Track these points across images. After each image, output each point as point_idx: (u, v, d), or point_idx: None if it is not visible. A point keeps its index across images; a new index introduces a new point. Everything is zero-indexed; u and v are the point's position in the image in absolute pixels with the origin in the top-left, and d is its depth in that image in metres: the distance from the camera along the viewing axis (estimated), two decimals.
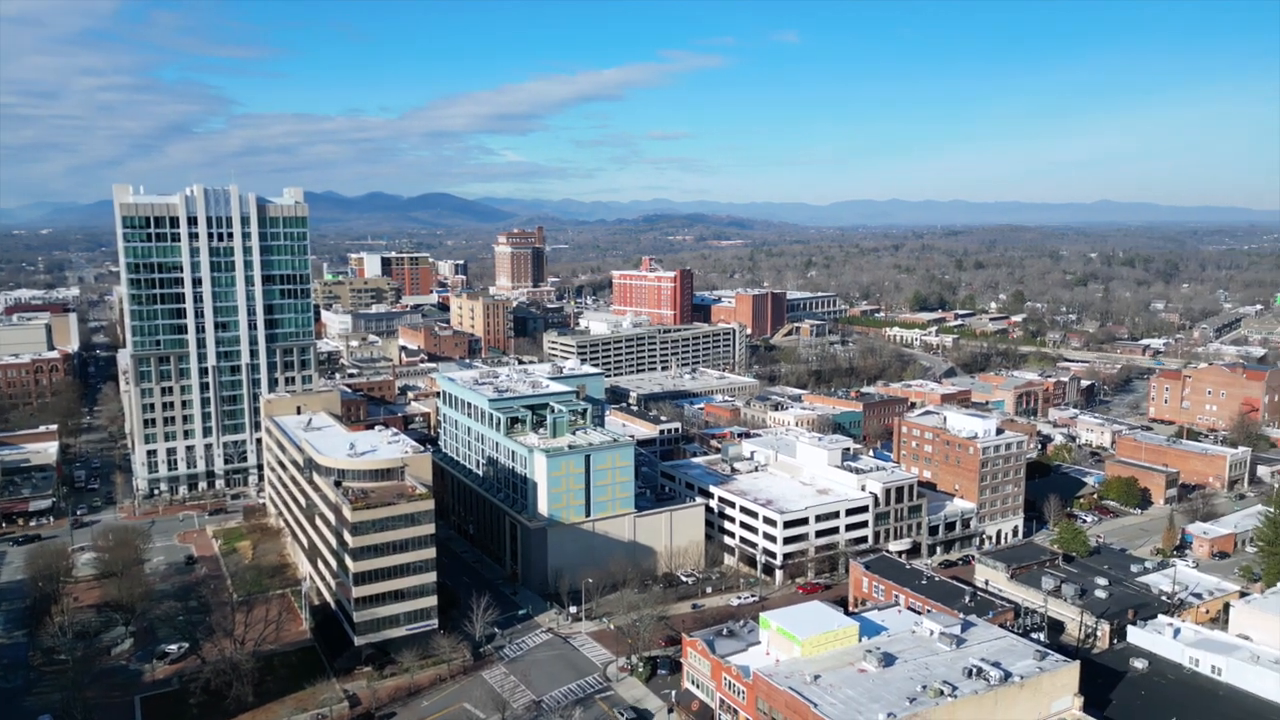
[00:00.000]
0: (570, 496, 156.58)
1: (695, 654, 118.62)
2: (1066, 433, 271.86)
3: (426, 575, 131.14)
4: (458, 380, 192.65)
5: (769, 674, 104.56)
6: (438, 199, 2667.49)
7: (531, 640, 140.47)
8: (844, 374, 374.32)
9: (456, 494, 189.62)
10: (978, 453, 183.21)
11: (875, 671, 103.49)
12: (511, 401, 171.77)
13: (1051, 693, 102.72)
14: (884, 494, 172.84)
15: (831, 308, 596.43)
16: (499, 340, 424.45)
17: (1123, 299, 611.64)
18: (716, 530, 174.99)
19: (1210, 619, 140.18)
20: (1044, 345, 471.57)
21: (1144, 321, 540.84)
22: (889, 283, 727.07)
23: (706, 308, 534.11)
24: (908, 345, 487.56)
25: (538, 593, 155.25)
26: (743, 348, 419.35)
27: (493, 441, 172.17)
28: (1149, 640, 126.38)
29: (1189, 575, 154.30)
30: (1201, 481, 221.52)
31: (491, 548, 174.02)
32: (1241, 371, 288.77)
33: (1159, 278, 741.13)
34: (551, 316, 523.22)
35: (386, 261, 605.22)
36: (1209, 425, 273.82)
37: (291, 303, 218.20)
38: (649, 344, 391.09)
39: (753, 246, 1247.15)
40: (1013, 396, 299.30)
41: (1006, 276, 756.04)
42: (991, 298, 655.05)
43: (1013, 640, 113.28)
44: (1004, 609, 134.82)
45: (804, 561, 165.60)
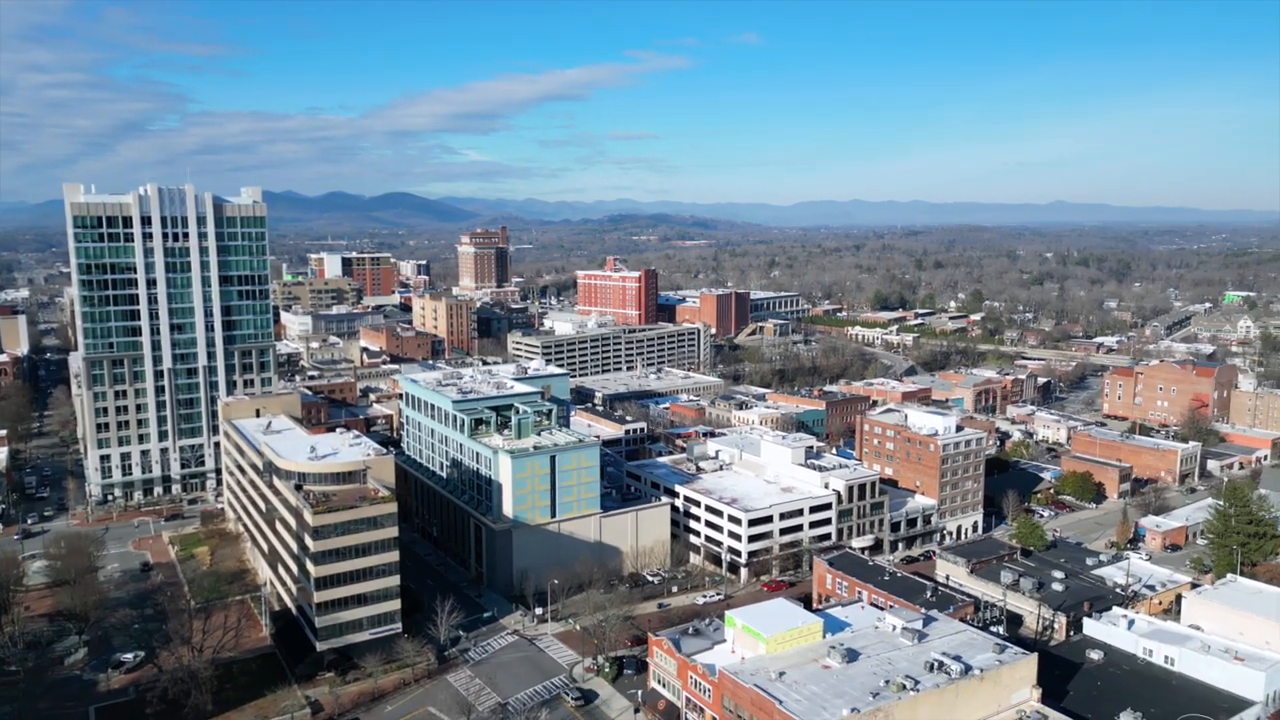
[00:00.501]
0: (535, 498, 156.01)
1: (661, 653, 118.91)
2: (1024, 429, 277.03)
3: (390, 579, 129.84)
4: (421, 382, 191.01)
5: (734, 672, 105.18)
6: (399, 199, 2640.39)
7: (497, 642, 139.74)
8: (807, 373, 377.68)
9: (420, 496, 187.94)
10: (938, 450, 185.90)
11: (839, 667, 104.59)
12: (476, 403, 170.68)
13: (1011, 685, 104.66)
14: (847, 491, 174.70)
15: (795, 307, 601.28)
16: (462, 341, 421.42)
17: (1077, 298, 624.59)
18: (682, 529, 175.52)
19: (1163, 610, 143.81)
20: (1002, 343, 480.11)
21: (1098, 320, 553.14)
22: (851, 282, 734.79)
23: (671, 308, 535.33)
24: (869, 344, 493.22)
25: (503, 595, 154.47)
26: (707, 347, 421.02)
27: (457, 443, 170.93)
28: (1104, 632, 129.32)
29: (1142, 568, 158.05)
30: (1154, 476, 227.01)
31: (456, 550, 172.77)
32: (1191, 368, 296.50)
33: (1112, 277, 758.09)
34: (516, 317, 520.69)
35: (347, 262, 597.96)
36: (1160, 421, 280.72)
37: (250, 304, 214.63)
38: (614, 344, 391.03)
39: (717, 246, 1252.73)
40: (972, 394, 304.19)
41: (965, 276, 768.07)
42: (951, 297, 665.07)
43: (973, 634, 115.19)
44: (964, 603, 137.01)
45: (769, 559, 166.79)
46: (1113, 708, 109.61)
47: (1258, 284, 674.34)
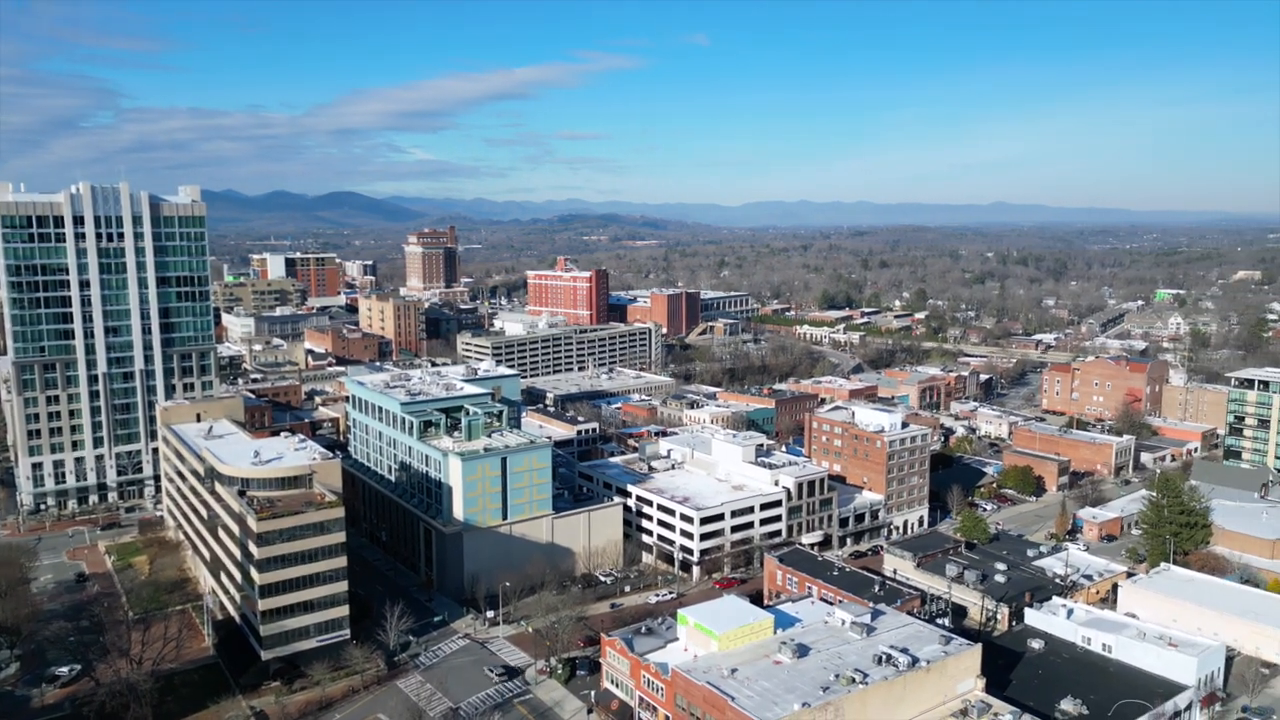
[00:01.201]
0: (486, 500, 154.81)
1: (614, 653, 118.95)
2: (967, 425, 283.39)
3: (337, 585, 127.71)
4: (368, 384, 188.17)
5: (687, 670, 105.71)
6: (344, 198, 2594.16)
7: (448, 646, 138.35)
8: (757, 371, 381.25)
9: (368, 500, 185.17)
10: (884, 446, 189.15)
11: (790, 662, 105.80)
12: (424, 405, 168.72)
13: (956, 675, 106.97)
14: (796, 488, 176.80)
15: (744, 307, 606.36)
16: (410, 342, 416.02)
17: (1017, 296, 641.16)
18: (635, 529, 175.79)
19: (1100, 599, 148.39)
20: (945, 341, 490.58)
21: (1037, 317, 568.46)
22: (799, 282, 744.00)
23: (622, 307, 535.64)
24: (817, 343, 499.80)
25: (454, 598, 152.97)
26: (659, 347, 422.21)
27: (405, 446, 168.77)
28: (1045, 621, 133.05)
29: (1080, 558, 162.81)
30: (1090, 469, 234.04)
31: (405, 554, 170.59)
32: (1125, 364, 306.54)
33: (1050, 276, 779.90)
34: (465, 318, 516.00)
35: (291, 262, 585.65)
36: (1096, 415, 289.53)
37: (189, 305, 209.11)
38: (565, 344, 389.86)
39: (667, 247, 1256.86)
40: (916, 391, 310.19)
41: (909, 275, 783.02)
42: (896, 296, 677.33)
43: (919, 627, 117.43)
44: (911, 596, 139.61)
45: (720, 557, 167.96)
46: (1054, 695, 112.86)
47: (1186, 282, 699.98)
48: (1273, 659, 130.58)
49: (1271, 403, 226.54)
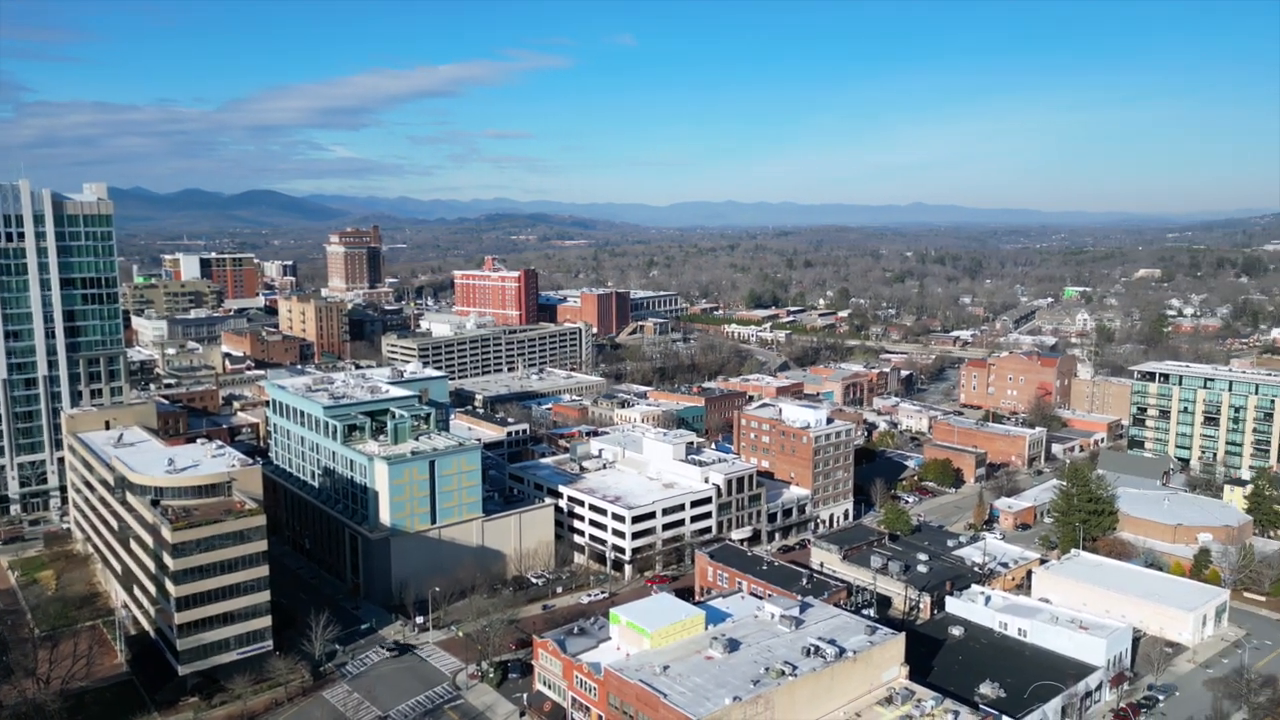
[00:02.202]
0: (414, 504, 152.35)
1: (546, 655, 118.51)
2: (889, 420, 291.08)
3: (259, 595, 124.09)
4: (289, 387, 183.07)
5: (620, 668, 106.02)
6: (262, 196, 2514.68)
7: (375, 654, 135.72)
8: (686, 370, 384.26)
9: (290, 507, 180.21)
10: (811, 442, 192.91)
11: (721, 657, 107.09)
12: (349, 408, 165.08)
13: (881, 664, 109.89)
14: (726, 485, 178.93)
15: (673, 306, 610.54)
16: (333, 345, 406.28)
17: (935, 294, 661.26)
18: (566, 530, 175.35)
19: (1016, 585, 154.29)
20: (868, 339, 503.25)
21: (954, 315, 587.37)
22: (726, 281, 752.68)
23: (552, 307, 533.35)
24: (745, 341, 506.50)
25: (381, 605, 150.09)
26: (589, 347, 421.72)
27: (329, 451, 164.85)
28: (964, 609, 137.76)
29: (997, 547, 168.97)
30: (1005, 460, 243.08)
31: (330, 562, 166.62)
32: (1037, 359, 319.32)
33: (966, 274, 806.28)
34: (390, 319, 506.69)
35: (206, 263, 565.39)
36: (1011, 409, 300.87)
37: (96, 308, 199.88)
38: (494, 345, 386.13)
39: (596, 246, 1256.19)
40: (841, 387, 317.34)
41: (833, 274, 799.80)
42: (820, 295, 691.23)
43: (846, 618, 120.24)
44: (838, 588, 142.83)
45: (652, 555, 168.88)
46: (973, 680, 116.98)
47: (1092, 280, 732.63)
48: (1175, 639, 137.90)
49: (1171, 394, 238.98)
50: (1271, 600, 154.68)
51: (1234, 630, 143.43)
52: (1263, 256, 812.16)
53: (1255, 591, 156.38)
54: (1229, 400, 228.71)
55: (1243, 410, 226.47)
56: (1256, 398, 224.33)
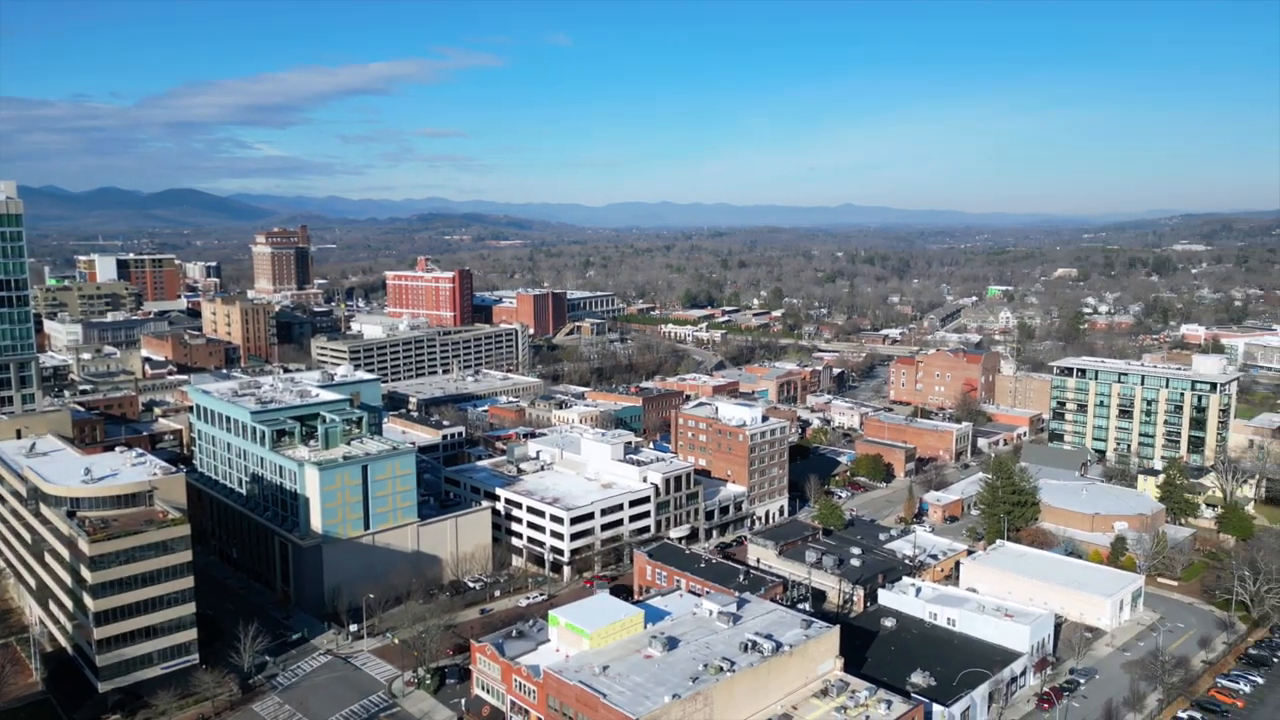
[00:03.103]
0: (347, 510, 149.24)
1: (484, 659, 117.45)
2: (822, 417, 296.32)
3: (184, 607, 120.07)
4: (214, 392, 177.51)
5: (559, 670, 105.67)
6: (184, 195, 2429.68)
7: (308, 664, 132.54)
8: (624, 370, 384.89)
9: (217, 516, 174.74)
10: (746, 440, 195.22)
11: (660, 656, 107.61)
12: (277, 413, 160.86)
13: (817, 657, 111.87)
14: (664, 484, 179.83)
15: (610, 306, 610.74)
16: (261, 348, 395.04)
17: (865, 294, 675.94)
18: (504, 532, 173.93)
19: (945, 576, 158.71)
20: (800, 338, 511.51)
21: (883, 314, 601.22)
22: (662, 282, 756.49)
23: (488, 308, 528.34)
24: (681, 341, 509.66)
25: (313, 614, 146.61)
26: (526, 348, 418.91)
27: (257, 457, 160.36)
28: (896, 600, 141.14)
29: (927, 539, 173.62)
30: (934, 455, 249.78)
31: (259, 571, 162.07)
32: (962, 356, 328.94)
33: (894, 274, 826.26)
34: (320, 320, 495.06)
35: (124, 264, 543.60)
36: (938, 404, 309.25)
37: (5, 312, 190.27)
38: (428, 347, 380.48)
39: (532, 247, 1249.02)
40: (775, 386, 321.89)
41: (766, 275, 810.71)
42: (754, 294, 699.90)
43: (783, 613, 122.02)
44: (774, 584, 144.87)
45: (591, 556, 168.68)
46: (905, 669, 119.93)
47: (1014, 279, 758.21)
48: (1095, 624, 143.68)
49: (1088, 389, 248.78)
50: (1183, 585, 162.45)
51: (1149, 614, 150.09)
52: (1171, 256, 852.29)
53: (1168, 577, 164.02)
54: (1141, 394, 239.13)
55: (1154, 403, 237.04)
56: (1167, 391, 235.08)
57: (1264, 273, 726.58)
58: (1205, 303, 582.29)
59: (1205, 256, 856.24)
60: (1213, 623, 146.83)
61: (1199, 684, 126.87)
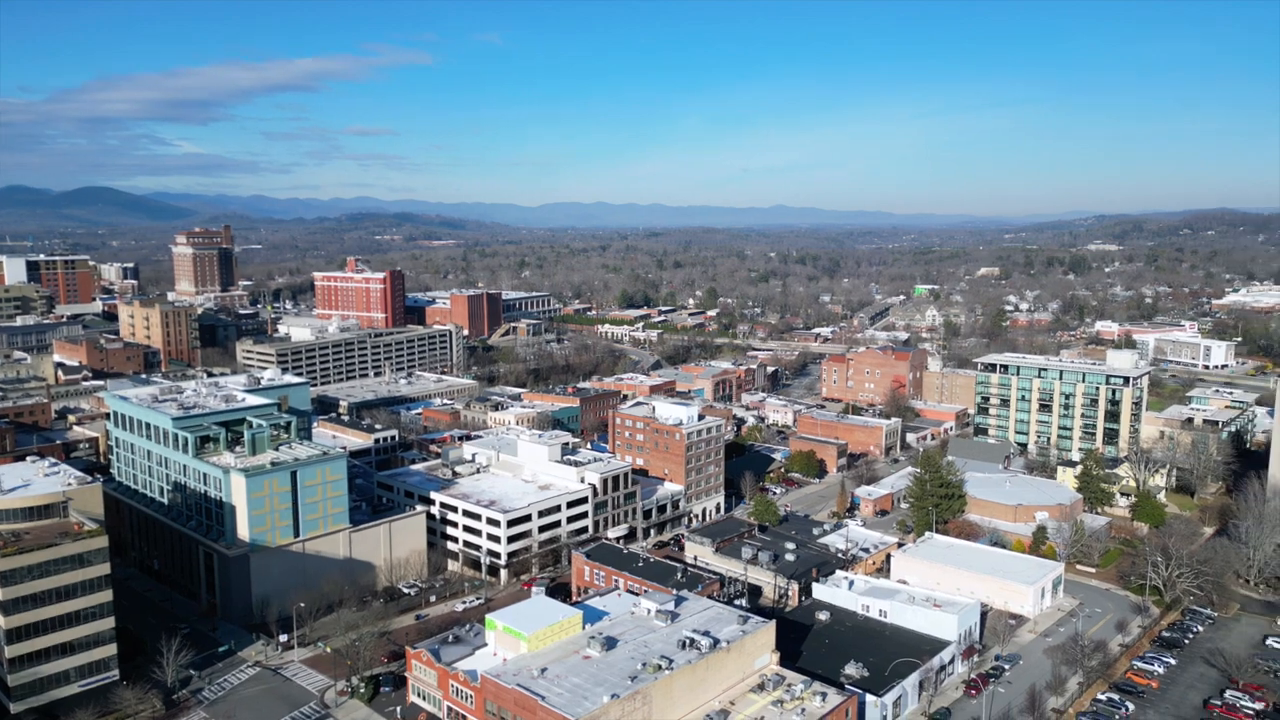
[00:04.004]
0: (275, 517, 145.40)
1: (420, 665, 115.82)
2: (757, 415, 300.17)
3: (102, 622, 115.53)
4: (133, 399, 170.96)
5: (496, 674, 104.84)
6: (98, 193, 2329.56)
7: (236, 677, 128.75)
8: (561, 371, 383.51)
9: (136, 527, 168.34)
10: (683, 438, 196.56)
11: (599, 656, 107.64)
12: (200, 419, 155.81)
13: (754, 652, 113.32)
14: (602, 484, 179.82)
15: (546, 307, 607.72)
16: (182, 352, 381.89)
17: (797, 293, 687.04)
18: (440, 537, 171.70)
19: (877, 569, 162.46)
20: (735, 337, 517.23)
21: (815, 313, 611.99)
22: (598, 282, 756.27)
23: (420, 309, 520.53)
24: (618, 341, 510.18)
25: (241, 625, 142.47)
26: (460, 349, 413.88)
27: (179, 465, 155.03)
28: (830, 594, 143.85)
29: (859, 533, 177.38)
30: (865, 450, 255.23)
31: (183, 582, 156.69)
32: (891, 354, 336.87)
33: (825, 274, 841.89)
34: (246, 323, 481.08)
35: (34, 265, 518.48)
36: (869, 401, 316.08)
37: None
38: (359, 349, 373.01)
39: (466, 247, 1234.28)
40: (711, 384, 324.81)
41: (701, 275, 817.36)
42: (690, 294, 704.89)
43: (720, 609, 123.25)
44: (711, 581, 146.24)
45: (529, 558, 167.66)
46: (839, 661, 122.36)
47: (940, 278, 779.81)
48: (1018, 611, 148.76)
49: (1010, 384, 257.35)
50: (1100, 571, 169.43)
51: (1069, 601, 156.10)
52: (1086, 256, 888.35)
53: (1086, 564, 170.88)
54: (1060, 388, 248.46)
55: (1072, 398, 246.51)
56: (1083, 385, 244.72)
57: (1172, 271, 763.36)
58: (1118, 300, 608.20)
59: (1118, 256, 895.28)
60: (1128, 607, 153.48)
61: (1116, 666, 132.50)
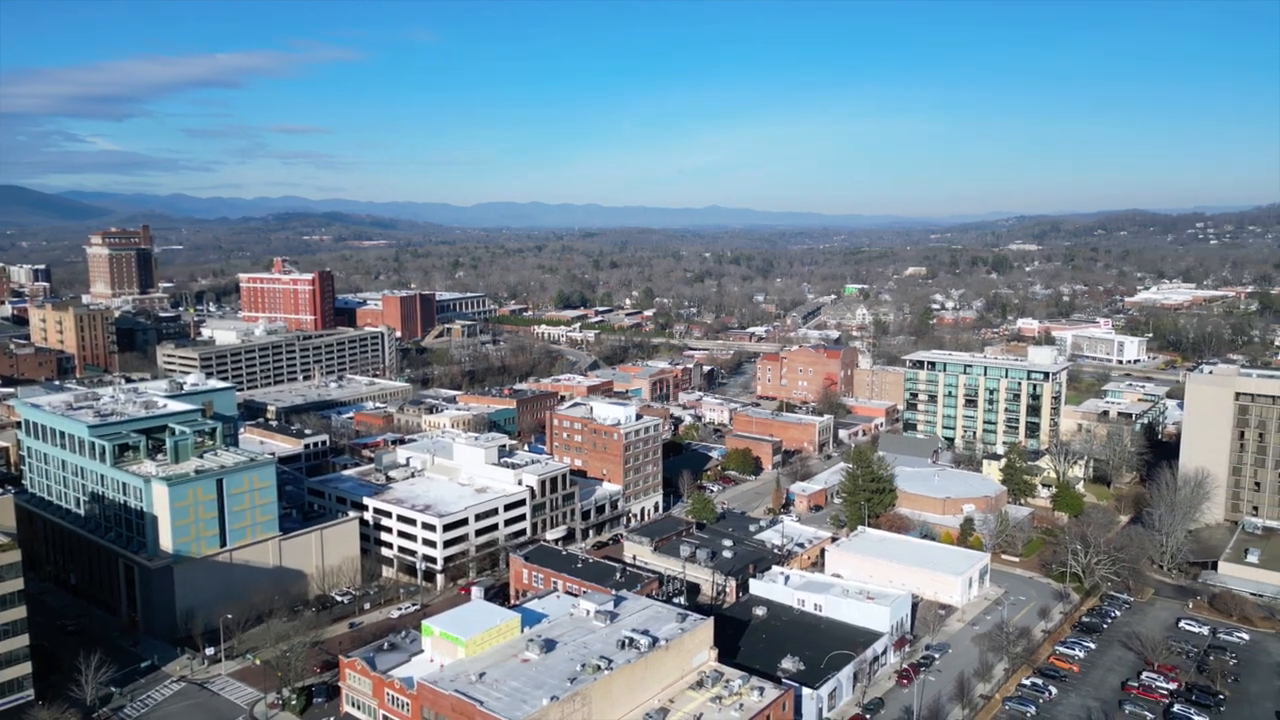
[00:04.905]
0: (201, 527, 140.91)
1: (354, 674, 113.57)
2: (694, 413, 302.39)
3: (16, 640, 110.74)
4: (46, 406, 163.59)
5: (434, 680, 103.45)
6: (6, 192, 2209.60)
7: (160, 693, 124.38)
8: (497, 372, 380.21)
9: (51, 540, 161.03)
10: (621, 438, 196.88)
11: (538, 659, 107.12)
12: (119, 426, 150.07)
13: (692, 649, 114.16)
14: (540, 486, 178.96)
15: (481, 308, 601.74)
16: (99, 357, 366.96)
17: (732, 293, 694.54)
18: (374, 543, 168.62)
19: (812, 564, 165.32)
20: (672, 336, 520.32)
21: (749, 312, 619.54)
22: (534, 282, 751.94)
23: (351, 311, 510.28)
24: (555, 342, 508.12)
25: (165, 639, 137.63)
26: (393, 351, 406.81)
27: (97, 474, 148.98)
28: (766, 589, 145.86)
29: (794, 529, 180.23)
30: (799, 447, 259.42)
31: (102, 597, 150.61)
32: (823, 352, 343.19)
33: (759, 274, 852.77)
34: (167, 326, 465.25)
35: None
36: (802, 398, 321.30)
37: None
38: (287, 352, 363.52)
39: (398, 247, 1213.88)
40: (649, 384, 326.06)
41: (638, 275, 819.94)
42: (626, 294, 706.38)
43: (659, 608, 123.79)
44: (650, 580, 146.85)
45: (465, 562, 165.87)
46: (776, 655, 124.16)
47: (869, 277, 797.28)
48: (947, 601, 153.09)
49: (937, 380, 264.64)
50: (1024, 560, 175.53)
51: (995, 590, 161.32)
52: (1008, 255, 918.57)
53: (1011, 554, 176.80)
54: (984, 384, 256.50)
55: (995, 393, 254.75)
56: (1006, 381, 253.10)
57: (1088, 270, 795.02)
58: (1038, 298, 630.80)
59: (1037, 255, 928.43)
60: (1050, 594, 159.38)
61: (1040, 652, 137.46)
